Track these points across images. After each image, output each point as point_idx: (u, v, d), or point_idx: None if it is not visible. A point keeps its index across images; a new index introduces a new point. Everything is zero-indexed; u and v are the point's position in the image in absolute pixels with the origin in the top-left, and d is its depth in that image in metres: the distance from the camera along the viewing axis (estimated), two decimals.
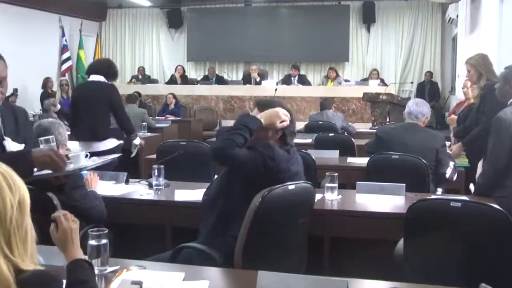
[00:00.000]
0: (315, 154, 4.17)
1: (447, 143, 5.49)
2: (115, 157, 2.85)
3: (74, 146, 5.03)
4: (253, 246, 2.27)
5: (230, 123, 9.69)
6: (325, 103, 7.37)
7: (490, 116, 3.54)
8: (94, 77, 4.76)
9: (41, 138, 2.57)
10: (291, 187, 2.40)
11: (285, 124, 2.55)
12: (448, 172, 3.80)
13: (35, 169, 2.28)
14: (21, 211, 1.29)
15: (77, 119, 4.78)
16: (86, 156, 2.72)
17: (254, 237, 2.27)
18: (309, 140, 5.86)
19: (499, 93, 3.45)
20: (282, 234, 2.43)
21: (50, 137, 2.59)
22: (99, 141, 4.67)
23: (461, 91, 6.17)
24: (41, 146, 2.52)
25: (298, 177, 2.54)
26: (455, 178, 3.85)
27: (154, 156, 4.35)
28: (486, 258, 2.20)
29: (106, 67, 4.81)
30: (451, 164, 3.84)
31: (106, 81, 4.73)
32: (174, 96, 10.01)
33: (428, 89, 11.98)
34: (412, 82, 12.25)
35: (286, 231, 2.46)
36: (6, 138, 2.36)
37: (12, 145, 2.38)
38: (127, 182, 3.53)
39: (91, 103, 4.69)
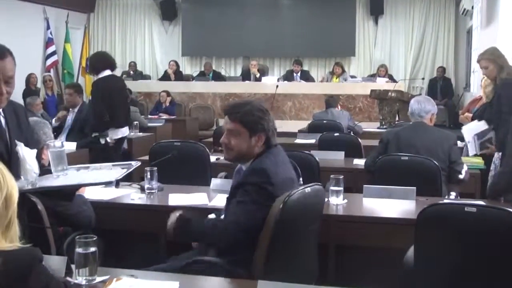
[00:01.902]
0: (318, 155, 4.18)
1: (460, 144, 5.52)
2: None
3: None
4: (272, 256, 2.29)
5: None
6: (330, 100, 7.38)
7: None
8: (108, 72, 5.56)
9: (49, 143, 2.62)
10: (308, 190, 2.43)
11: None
12: (463, 172, 3.81)
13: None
14: (6, 205, 1.49)
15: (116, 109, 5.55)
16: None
17: (275, 246, 2.29)
18: (312, 140, 5.86)
19: None
20: (299, 242, 2.47)
21: (57, 142, 2.66)
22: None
23: (476, 87, 6.18)
24: (50, 153, 2.55)
25: (295, 181, 2.56)
26: (467, 178, 3.87)
27: (147, 157, 4.34)
28: (504, 267, 2.19)
29: (111, 60, 5.77)
30: (465, 165, 3.86)
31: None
32: (168, 94, 10.01)
33: (441, 86, 11.98)
34: (423, 78, 12.25)
35: (303, 238, 2.49)
36: (18, 143, 2.38)
37: (25, 151, 2.40)
38: (117, 185, 3.52)
39: (124, 94, 5.95)
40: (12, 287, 1.42)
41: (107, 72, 5.51)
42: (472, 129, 4.53)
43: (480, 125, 4.52)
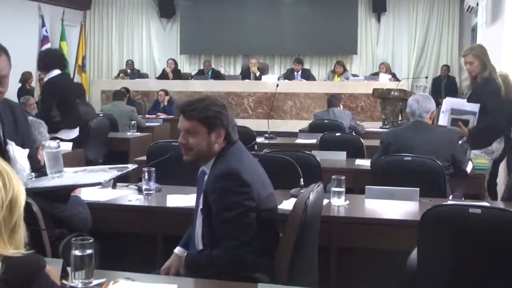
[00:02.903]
0: (320, 155, 4.18)
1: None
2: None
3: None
4: (294, 261, 2.26)
5: None
6: (332, 99, 7.40)
7: (495, 115, 4.20)
8: (57, 71, 5.40)
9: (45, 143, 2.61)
10: (318, 189, 2.43)
11: None
12: (469, 168, 3.85)
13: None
14: (11, 209, 1.47)
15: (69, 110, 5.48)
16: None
17: (297, 251, 2.27)
18: (313, 140, 5.87)
19: None
20: (314, 245, 2.48)
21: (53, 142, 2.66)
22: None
23: None
24: (45, 153, 2.55)
25: (263, 175, 2.50)
26: (472, 173, 3.97)
27: (144, 157, 4.35)
28: (509, 270, 2.19)
29: (62, 59, 5.66)
30: (470, 163, 3.91)
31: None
32: (167, 93, 10.01)
33: (445, 85, 11.97)
34: (427, 77, 12.24)
35: (314, 240, 2.50)
36: (10, 142, 2.38)
37: (16, 151, 2.40)
38: (114, 186, 3.53)
39: (75, 94, 5.83)
40: None
41: (57, 72, 5.38)
42: (453, 103, 4.63)
43: (464, 104, 4.58)
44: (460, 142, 4.13)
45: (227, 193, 2.29)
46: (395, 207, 3.17)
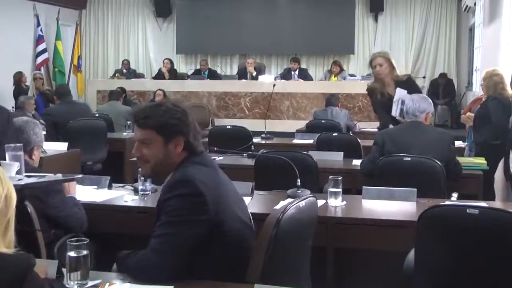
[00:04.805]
0: (317, 155, 4.18)
1: (462, 144, 5.54)
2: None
3: (52, 146, 5.06)
4: (267, 277, 2.03)
5: (224, 121, 9.71)
6: (332, 99, 7.44)
7: None
8: None
9: (9, 145, 2.56)
10: (302, 204, 2.20)
11: None
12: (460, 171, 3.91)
13: None
14: (6, 203, 1.53)
15: None
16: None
17: (269, 267, 2.05)
18: (310, 141, 5.87)
19: None
20: (295, 262, 2.28)
21: (18, 145, 2.58)
22: None
23: (479, 86, 6.20)
24: (7, 154, 2.51)
25: (238, 195, 2.30)
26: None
27: None
28: (507, 270, 2.19)
29: None
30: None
31: None
32: (165, 93, 9.99)
33: (443, 85, 11.98)
34: (424, 77, 12.27)
35: (297, 257, 2.31)
36: None
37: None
38: (110, 187, 3.52)
39: None
40: None
41: None
42: (402, 93, 4.76)
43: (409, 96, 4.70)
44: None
45: (177, 199, 2.05)
46: (392, 207, 3.17)
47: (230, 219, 2.13)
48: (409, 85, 4.85)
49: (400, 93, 4.78)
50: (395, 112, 4.79)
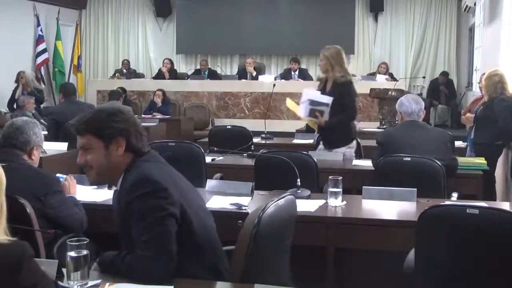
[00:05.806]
0: (317, 155, 4.18)
1: (462, 144, 5.55)
2: None
3: (52, 146, 5.05)
4: (247, 277, 2.05)
5: (224, 121, 9.72)
6: None
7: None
8: None
9: None
10: (281, 202, 2.21)
11: None
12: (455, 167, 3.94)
13: None
14: None
15: None
16: None
17: (250, 266, 2.06)
18: (310, 141, 5.87)
19: None
20: (276, 261, 2.28)
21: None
22: None
23: (479, 86, 6.20)
24: None
25: (192, 186, 2.35)
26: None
27: None
28: (507, 270, 2.19)
29: None
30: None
31: None
32: (164, 93, 10.00)
33: (444, 86, 11.96)
34: (424, 77, 12.25)
35: (278, 255, 2.31)
36: None
37: None
38: (110, 187, 3.52)
39: None
40: (1, 281, 1.42)
41: None
42: (310, 94, 4.78)
43: (320, 96, 4.73)
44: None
45: (143, 199, 2.05)
46: (392, 207, 3.17)
47: (193, 208, 2.17)
48: (343, 89, 4.68)
49: (307, 94, 4.76)
50: (303, 113, 4.74)
